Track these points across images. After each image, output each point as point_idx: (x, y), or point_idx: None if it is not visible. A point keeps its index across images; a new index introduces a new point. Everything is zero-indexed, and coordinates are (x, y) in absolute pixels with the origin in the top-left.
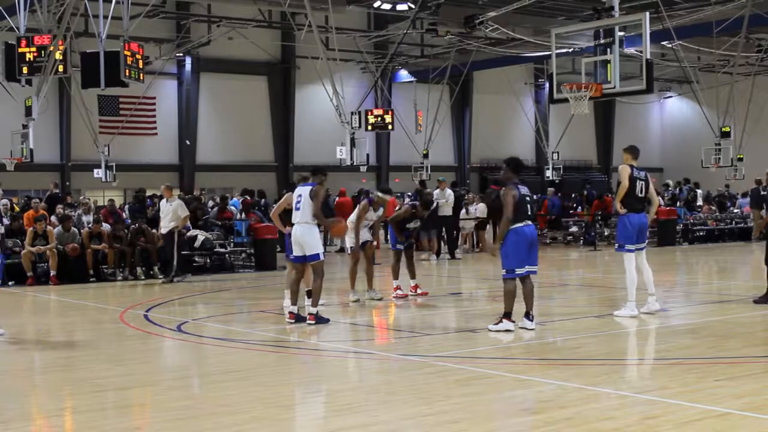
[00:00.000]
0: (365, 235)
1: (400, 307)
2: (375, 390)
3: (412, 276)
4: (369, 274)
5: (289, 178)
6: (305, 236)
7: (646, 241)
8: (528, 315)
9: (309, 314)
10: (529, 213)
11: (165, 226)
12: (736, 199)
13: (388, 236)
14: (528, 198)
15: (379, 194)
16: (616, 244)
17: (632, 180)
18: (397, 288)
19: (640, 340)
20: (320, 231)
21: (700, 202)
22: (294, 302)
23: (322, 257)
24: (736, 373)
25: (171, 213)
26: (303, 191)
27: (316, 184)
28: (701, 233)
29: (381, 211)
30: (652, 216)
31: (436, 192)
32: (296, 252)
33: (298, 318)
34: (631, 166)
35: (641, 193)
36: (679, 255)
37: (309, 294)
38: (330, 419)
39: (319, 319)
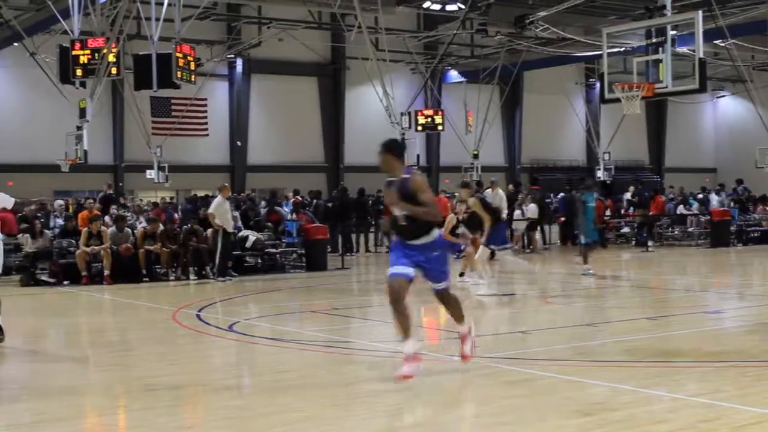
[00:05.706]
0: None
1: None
2: (425, 391)
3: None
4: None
5: (339, 179)
6: None
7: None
8: None
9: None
10: None
11: (232, 225)
12: None
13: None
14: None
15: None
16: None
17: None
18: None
19: (694, 342)
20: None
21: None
22: None
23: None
24: None
25: (230, 212)
26: None
27: None
28: (755, 234)
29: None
30: None
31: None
32: None
33: None
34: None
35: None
36: (733, 256)
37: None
38: (381, 419)
39: None
